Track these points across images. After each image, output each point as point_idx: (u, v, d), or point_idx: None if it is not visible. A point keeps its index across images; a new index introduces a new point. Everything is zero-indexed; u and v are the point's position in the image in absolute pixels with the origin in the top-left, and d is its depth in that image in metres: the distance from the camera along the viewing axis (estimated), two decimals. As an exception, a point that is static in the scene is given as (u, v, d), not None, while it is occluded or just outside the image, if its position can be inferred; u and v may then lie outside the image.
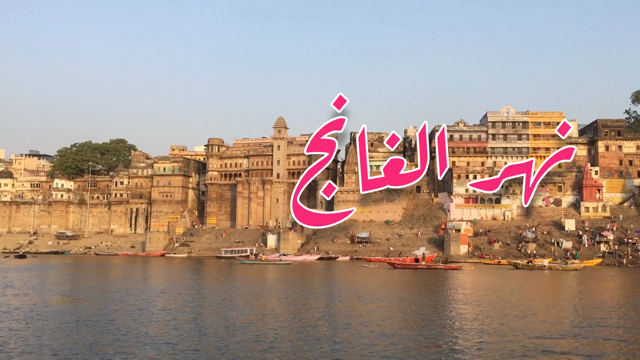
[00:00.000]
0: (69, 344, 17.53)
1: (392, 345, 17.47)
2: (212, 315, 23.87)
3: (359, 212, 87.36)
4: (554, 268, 56.06)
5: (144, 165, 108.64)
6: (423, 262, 59.08)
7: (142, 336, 18.73)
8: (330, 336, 18.88)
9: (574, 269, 55.44)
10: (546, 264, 58.02)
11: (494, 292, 35.69)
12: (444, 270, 54.87)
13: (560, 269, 55.74)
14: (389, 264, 59.65)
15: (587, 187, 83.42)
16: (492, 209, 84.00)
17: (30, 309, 25.10)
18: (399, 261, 60.95)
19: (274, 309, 26.29)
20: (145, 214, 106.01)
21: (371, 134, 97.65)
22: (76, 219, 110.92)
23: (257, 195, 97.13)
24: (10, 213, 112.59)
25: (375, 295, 31.45)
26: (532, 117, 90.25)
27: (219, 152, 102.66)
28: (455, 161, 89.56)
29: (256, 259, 71.13)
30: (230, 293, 33.36)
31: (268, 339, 18.34)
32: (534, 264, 58.30)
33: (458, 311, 25.56)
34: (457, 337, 18.90)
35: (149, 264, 67.69)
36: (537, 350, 16.83)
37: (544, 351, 16.82)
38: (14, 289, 34.47)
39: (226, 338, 18.54)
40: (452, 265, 58.48)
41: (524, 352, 16.59)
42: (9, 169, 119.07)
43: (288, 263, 65.85)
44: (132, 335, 18.83)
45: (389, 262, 60.37)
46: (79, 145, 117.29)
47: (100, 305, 26.71)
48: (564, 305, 28.39)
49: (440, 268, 56.66)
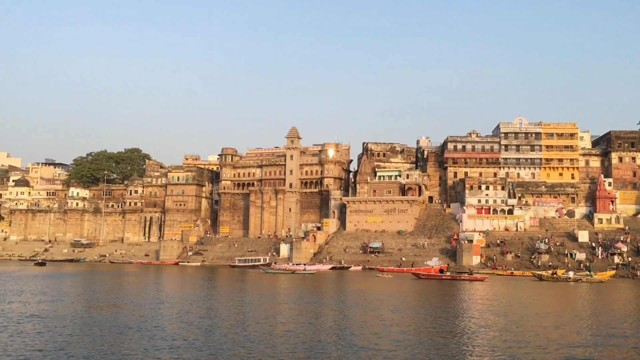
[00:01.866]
0: (127, 348, 18.37)
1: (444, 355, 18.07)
2: (263, 321, 24.92)
3: (371, 221, 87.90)
4: (579, 280, 56.02)
5: (158, 174, 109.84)
6: (448, 273, 59.24)
7: (198, 341, 19.68)
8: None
9: (599, 281, 55.48)
10: (571, 275, 57.83)
11: (529, 305, 34.67)
12: (469, 281, 54.96)
13: (585, 280, 55.76)
14: (414, 274, 60.09)
15: (600, 198, 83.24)
16: (505, 219, 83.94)
17: (79, 315, 26.11)
18: (424, 271, 61.29)
19: (338, 320, 26.33)
20: (159, 223, 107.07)
21: (383, 145, 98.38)
22: (91, 227, 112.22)
23: (270, 205, 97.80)
24: (27, 221, 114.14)
25: (409, 305, 32.05)
26: (544, 128, 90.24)
27: (232, 162, 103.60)
28: (468, 172, 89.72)
29: (275, 267, 71.30)
30: (273, 301, 34.35)
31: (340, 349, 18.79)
32: (558, 276, 58.23)
33: (502, 325, 25.06)
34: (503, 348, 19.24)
35: (167, 272, 68.53)
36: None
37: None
38: (48, 295, 35.51)
39: (281, 343, 19.44)
40: (476, 276, 58.42)
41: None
42: (25, 177, 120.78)
43: (312, 272, 66.25)
44: (185, 341, 19.75)
45: (413, 273, 60.80)
46: (94, 154, 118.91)
47: (144, 312, 27.75)
48: (614, 316, 28.74)
49: (465, 279, 56.64)
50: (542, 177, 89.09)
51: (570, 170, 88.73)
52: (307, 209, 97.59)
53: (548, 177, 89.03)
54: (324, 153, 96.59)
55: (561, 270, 63.79)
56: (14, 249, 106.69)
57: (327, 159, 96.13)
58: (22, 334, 20.78)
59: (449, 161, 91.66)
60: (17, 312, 27.06)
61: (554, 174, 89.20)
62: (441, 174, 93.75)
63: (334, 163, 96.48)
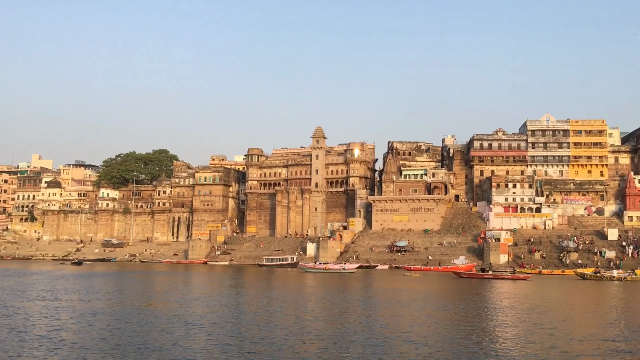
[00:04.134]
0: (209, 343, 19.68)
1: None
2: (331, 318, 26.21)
3: (397, 220, 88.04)
4: (623, 279, 55.69)
5: (186, 175, 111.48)
6: (490, 272, 59.36)
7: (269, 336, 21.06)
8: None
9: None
10: (615, 274, 57.43)
11: (584, 305, 34.39)
12: (512, 280, 54.81)
13: (630, 279, 55.40)
14: (455, 273, 60.59)
15: (630, 195, 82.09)
16: (533, 218, 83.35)
17: (139, 313, 27.56)
18: (465, 270, 61.61)
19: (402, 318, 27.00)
20: (187, 223, 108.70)
21: (409, 144, 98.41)
22: (121, 227, 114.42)
23: (296, 204, 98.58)
24: (59, 221, 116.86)
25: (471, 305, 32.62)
26: (572, 125, 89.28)
27: (259, 162, 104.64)
28: (494, 170, 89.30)
29: (316, 266, 71.56)
30: (330, 300, 35.39)
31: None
32: (602, 275, 57.80)
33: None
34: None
35: (199, 271, 70.07)
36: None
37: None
38: (100, 294, 37.21)
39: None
40: (519, 275, 58.23)
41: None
42: (57, 179, 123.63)
43: (352, 272, 66.68)
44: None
45: (454, 272, 61.23)
46: (123, 155, 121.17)
47: (204, 309, 29.31)
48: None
49: (507, 278, 56.58)
50: (570, 174, 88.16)
51: (599, 168, 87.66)
52: (333, 208, 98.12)
53: (576, 175, 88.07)
54: (350, 152, 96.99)
55: (589, 269, 62.95)
56: (47, 249, 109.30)
57: (352, 158, 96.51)
58: (96, 329, 22.29)
59: (475, 159, 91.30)
60: (81, 310, 28.50)
61: (582, 171, 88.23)
62: (467, 173, 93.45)
63: (360, 162, 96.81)
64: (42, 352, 17.96)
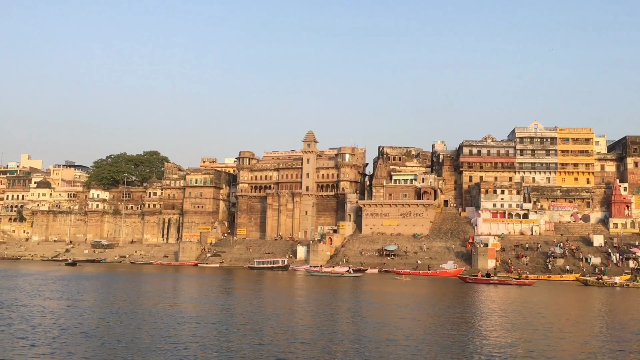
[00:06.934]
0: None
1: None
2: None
3: (387, 225, 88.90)
4: (625, 285, 57.07)
5: (177, 176, 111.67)
6: (495, 277, 60.30)
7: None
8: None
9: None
10: (617, 281, 58.74)
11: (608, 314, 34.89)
12: (517, 285, 55.79)
13: (632, 286, 56.74)
14: (460, 278, 61.64)
15: (616, 203, 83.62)
16: (520, 223, 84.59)
17: (158, 312, 28.61)
18: (454, 274, 62.87)
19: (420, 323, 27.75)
20: (177, 225, 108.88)
21: (398, 149, 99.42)
22: (110, 228, 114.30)
23: (287, 208, 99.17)
24: (48, 222, 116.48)
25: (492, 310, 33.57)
26: (560, 133, 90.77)
27: (250, 165, 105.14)
28: (483, 176, 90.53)
29: (321, 270, 71.99)
30: (348, 303, 36.40)
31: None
32: (604, 281, 59.01)
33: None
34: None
35: (193, 273, 70.39)
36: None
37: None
38: (107, 294, 38.12)
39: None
40: (525, 281, 59.20)
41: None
42: (47, 179, 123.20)
43: (357, 275, 67.53)
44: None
45: (459, 277, 62.25)
46: (114, 156, 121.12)
47: (216, 310, 30.56)
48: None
49: (512, 283, 57.58)
50: (557, 181, 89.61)
51: (585, 175, 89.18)
52: (323, 211, 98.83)
53: (563, 182, 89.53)
54: (340, 157, 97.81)
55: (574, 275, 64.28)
56: (36, 250, 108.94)
57: (343, 162, 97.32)
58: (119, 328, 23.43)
59: (464, 165, 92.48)
60: (107, 311, 29.54)
61: (569, 178, 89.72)
62: (456, 178, 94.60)
63: (350, 166, 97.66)
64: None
